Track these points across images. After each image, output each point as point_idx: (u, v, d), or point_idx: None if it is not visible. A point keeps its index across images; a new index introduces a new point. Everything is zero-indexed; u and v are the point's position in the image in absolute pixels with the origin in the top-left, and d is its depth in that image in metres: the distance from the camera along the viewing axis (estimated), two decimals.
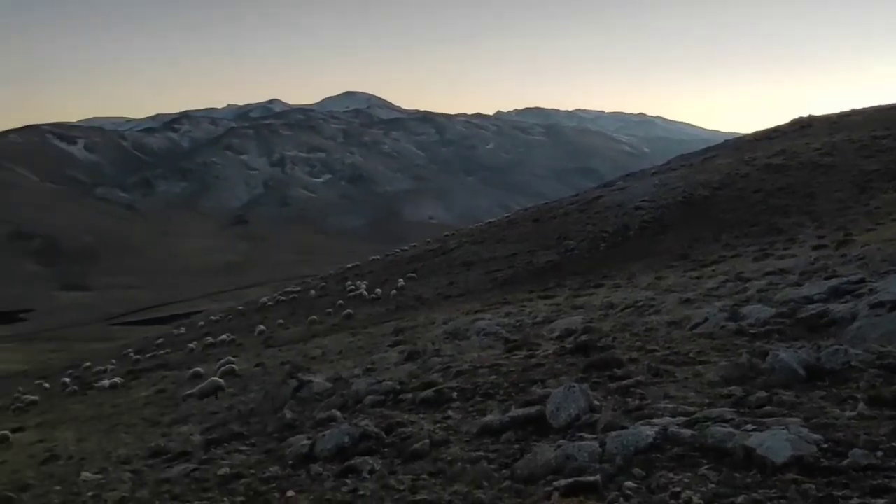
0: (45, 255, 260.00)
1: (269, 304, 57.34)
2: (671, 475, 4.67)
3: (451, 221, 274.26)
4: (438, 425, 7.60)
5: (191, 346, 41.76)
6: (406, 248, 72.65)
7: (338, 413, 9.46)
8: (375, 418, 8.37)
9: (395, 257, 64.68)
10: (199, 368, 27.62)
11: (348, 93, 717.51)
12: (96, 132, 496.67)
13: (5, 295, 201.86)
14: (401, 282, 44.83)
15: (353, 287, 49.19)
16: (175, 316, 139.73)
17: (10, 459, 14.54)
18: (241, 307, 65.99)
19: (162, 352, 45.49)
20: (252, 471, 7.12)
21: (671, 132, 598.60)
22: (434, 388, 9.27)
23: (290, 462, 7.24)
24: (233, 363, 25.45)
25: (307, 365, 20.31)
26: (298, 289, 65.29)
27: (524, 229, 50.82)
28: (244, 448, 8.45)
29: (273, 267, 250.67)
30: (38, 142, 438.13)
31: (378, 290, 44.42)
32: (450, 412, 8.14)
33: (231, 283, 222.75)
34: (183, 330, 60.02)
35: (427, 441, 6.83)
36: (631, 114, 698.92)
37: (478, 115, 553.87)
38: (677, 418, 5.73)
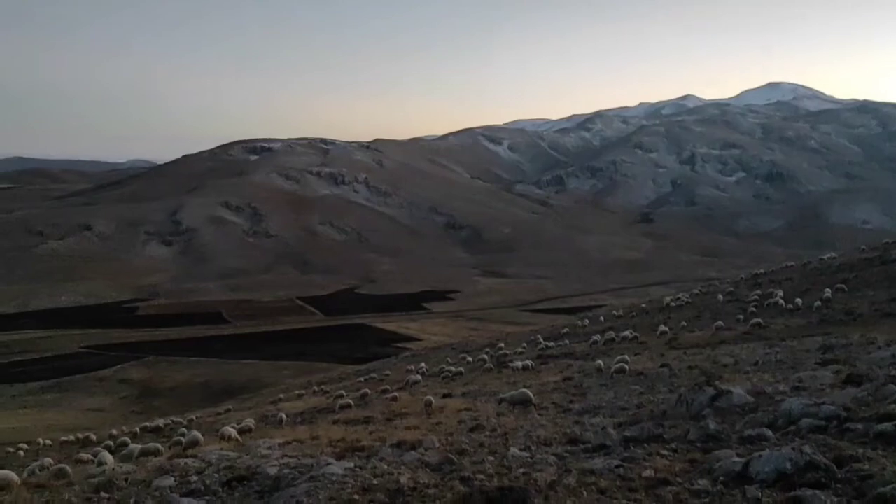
0: (471, 243, 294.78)
1: (673, 304, 55.96)
2: None
3: (892, 227, 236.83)
4: None
5: (594, 338, 42.74)
6: (833, 255, 64.56)
7: (768, 432, 8.55)
8: (818, 446, 7.30)
9: (819, 265, 57.77)
10: (600, 361, 28.11)
11: (771, 84, 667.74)
12: (519, 133, 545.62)
13: (439, 276, 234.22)
14: (827, 292, 39.78)
15: (766, 294, 45.30)
16: (578, 307, 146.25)
17: (444, 423, 16.39)
18: (643, 305, 65.72)
19: (567, 341, 47.54)
20: (679, 479, 6.74)
21: None
22: (895, 422, 7.76)
23: (721, 478, 6.67)
24: (626, 361, 25.43)
25: (718, 372, 19.11)
26: (704, 291, 62.61)
27: None
28: (665, 452, 8.10)
29: (676, 266, 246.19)
30: (471, 143, 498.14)
31: (798, 299, 40.06)
32: None
33: (633, 280, 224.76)
34: (587, 322, 61.98)
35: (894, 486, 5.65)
36: None
37: None
38: None
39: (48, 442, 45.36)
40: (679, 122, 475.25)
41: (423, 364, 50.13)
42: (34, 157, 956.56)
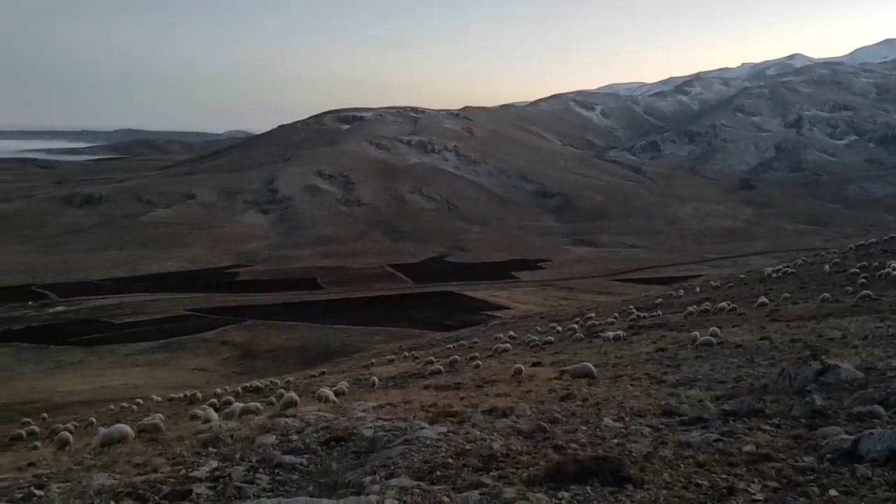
0: (561, 211, 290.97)
1: (774, 275, 53.74)
2: None
3: None
4: None
5: (690, 309, 41.61)
6: None
7: (880, 409, 8.13)
8: None
9: None
10: (696, 333, 27.36)
11: (887, 40, 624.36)
12: (612, 98, 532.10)
13: (529, 245, 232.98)
14: None
15: (878, 265, 42.83)
16: (673, 277, 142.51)
17: (534, 391, 16.42)
18: (742, 275, 63.44)
19: (660, 312, 46.50)
20: (782, 455, 6.50)
21: None
22: None
23: (828, 456, 6.40)
24: (719, 333, 24.77)
25: (823, 346, 18.31)
26: (809, 261, 59.82)
27: None
28: (767, 427, 7.82)
29: (778, 235, 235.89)
30: (562, 109, 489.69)
31: None
32: None
33: (731, 249, 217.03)
34: (681, 292, 60.41)
35: None
36: None
37: None
38: None
39: (158, 398, 48.44)
40: (785, 83, 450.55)
41: (511, 332, 50.25)
42: (141, 129, 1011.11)
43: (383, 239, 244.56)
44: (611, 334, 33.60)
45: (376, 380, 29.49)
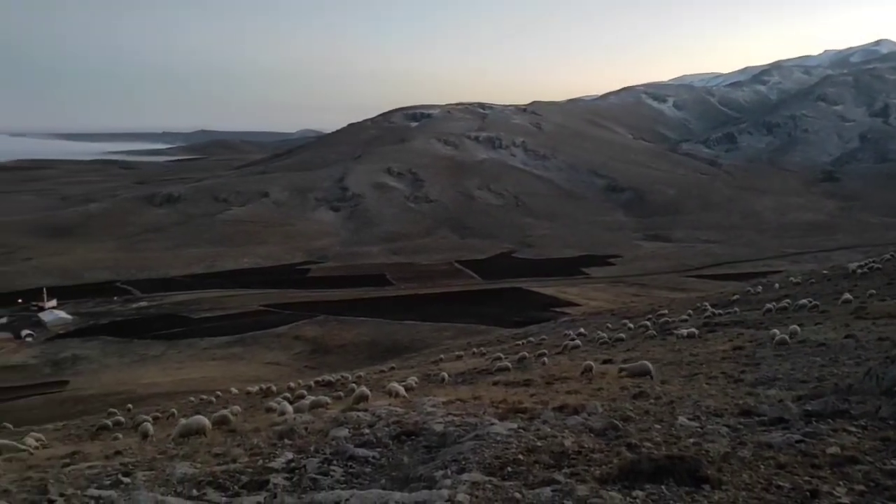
0: (633, 206, 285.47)
1: (859, 270, 51.41)
2: None
3: None
4: None
5: (768, 306, 40.27)
6: None
7: None
8: None
9: None
10: (775, 330, 26.45)
11: None
12: (685, 90, 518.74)
13: (599, 241, 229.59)
14: None
15: None
16: (750, 273, 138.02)
17: (605, 388, 16.19)
18: (825, 271, 60.95)
19: (737, 309, 45.12)
20: (869, 458, 6.22)
21: None
22: None
23: None
24: (797, 331, 24.03)
25: None
26: None
27: None
28: (852, 429, 7.50)
29: (864, 229, 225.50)
30: (633, 102, 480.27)
31: None
32: None
33: (812, 244, 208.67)
34: (759, 289, 58.48)
35: None
36: None
37: None
38: None
39: (236, 391, 49.99)
40: (870, 70, 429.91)
41: (581, 329, 49.68)
42: (217, 130, 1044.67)
43: (451, 235, 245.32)
44: (685, 332, 32.91)
45: (445, 375, 29.63)
